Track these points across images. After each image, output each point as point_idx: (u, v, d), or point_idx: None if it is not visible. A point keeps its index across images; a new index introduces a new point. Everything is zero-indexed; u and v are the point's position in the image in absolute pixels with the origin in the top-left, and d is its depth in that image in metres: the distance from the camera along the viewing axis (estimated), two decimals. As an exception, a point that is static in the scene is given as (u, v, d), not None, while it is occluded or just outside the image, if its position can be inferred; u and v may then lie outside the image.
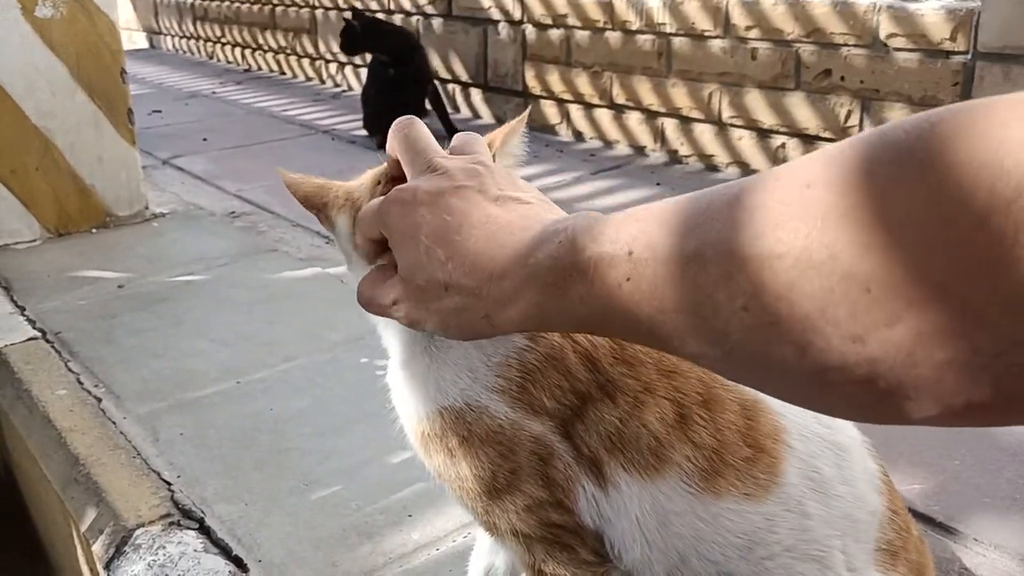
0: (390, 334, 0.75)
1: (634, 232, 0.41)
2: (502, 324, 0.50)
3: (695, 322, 0.38)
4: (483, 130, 0.62)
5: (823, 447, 0.75)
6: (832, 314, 0.32)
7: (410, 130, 0.62)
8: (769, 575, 0.73)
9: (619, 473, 0.71)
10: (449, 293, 0.52)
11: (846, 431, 0.77)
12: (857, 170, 0.31)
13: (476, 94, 3.91)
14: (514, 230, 0.50)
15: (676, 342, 0.40)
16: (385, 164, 0.73)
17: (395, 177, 0.68)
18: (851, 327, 0.31)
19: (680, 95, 3.05)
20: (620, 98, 3.27)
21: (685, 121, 3.07)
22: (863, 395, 0.33)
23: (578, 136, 3.49)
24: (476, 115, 3.92)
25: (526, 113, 0.83)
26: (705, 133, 3.02)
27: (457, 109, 4.04)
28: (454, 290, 0.52)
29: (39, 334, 1.90)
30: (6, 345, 1.84)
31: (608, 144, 3.38)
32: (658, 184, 2.91)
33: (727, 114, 2.93)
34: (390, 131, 0.64)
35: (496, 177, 0.56)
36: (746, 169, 2.92)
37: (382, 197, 0.60)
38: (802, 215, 0.33)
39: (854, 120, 2.60)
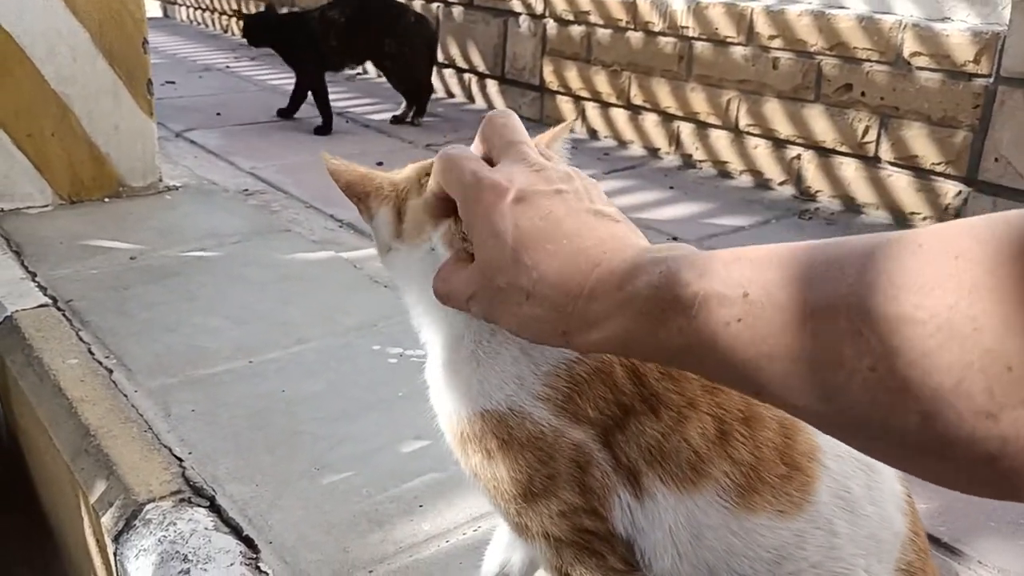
0: (432, 331, 0.75)
1: (749, 274, 0.40)
2: (580, 344, 0.49)
3: (808, 374, 0.37)
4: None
5: (855, 467, 0.76)
6: (967, 388, 0.32)
7: (506, 119, 0.59)
8: None
9: (656, 485, 0.72)
10: (530, 302, 0.50)
11: None
12: (1008, 251, 0.32)
13: (492, 85, 3.91)
14: (607, 250, 0.49)
15: (775, 389, 0.39)
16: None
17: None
18: (985, 403, 0.31)
19: (698, 100, 3.06)
20: (637, 99, 3.27)
21: (702, 126, 3.08)
22: (984, 471, 0.33)
23: (593, 134, 3.49)
24: (491, 106, 3.92)
25: (572, 120, 0.83)
26: (721, 139, 3.03)
27: (472, 99, 4.03)
28: (535, 301, 0.50)
29: (50, 301, 1.90)
30: (17, 311, 1.84)
31: (623, 144, 3.38)
32: (671, 188, 2.91)
33: (744, 122, 2.93)
34: (484, 120, 0.61)
35: (587, 185, 0.55)
36: (759, 178, 2.93)
37: (470, 158, 0.57)
38: (947, 285, 0.33)
39: (871, 136, 2.60)
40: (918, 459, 0.35)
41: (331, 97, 3.55)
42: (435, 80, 4.23)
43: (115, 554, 1.22)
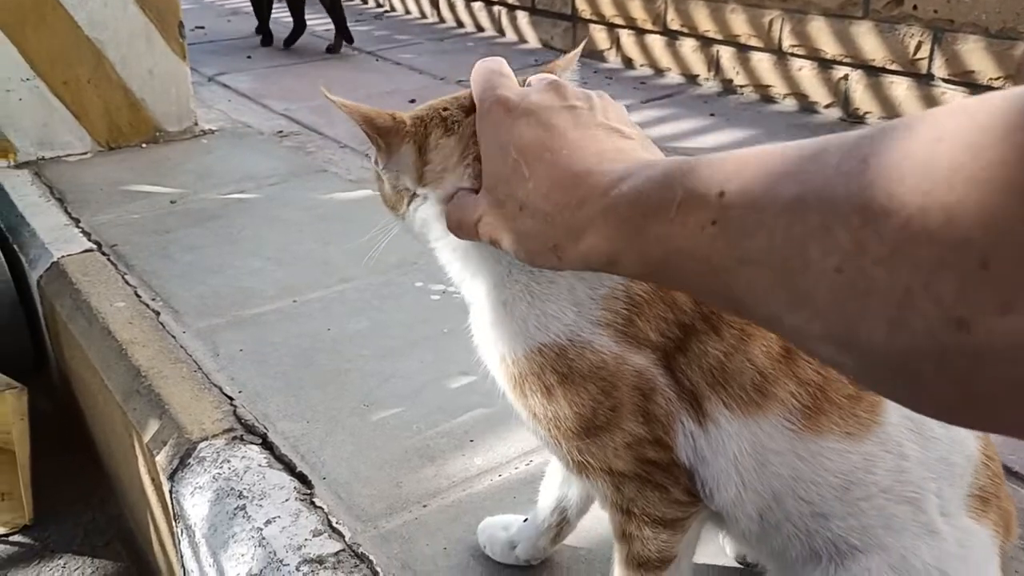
0: (476, 277, 0.72)
1: (729, 173, 0.37)
2: (570, 258, 0.48)
3: (779, 279, 0.34)
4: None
5: None
6: (937, 289, 0.28)
7: (495, 63, 0.60)
8: (863, 516, 0.72)
9: (720, 409, 0.70)
10: (523, 214, 0.50)
11: None
12: (996, 130, 0.27)
13: (522, 17, 3.81)
14: (604, 160, 0.47)
15: (751, 300, 0.36)
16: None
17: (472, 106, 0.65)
18: (956, 307, 0.27)
19: (739, 21, 2.95)
20: (674, 24, 3.16)
21: (742, 49, 2.97)
22: (953, 392, 0.29)
23: (628, 63, 3.40)
24: (522, 39, 3.83)
25: (582, 45, 0.79)
26: (763, 62, 2.93)
27: (502, 32, 3.94)
28: (528, 212, 0.49)
29: (95, 246, 1.91)
30: (63, 256, 1.85)
31: (659, 72, 3.29)
32: (712, 115, 2.83)
33: (788, 43, 2.83)
34: (474, 69, 0.61)
35: (607, 107, 0.55)
36: (804, 101, 2.84)
37: (498, 72, 0.57)
38: (925, 172, 0.28)
39: (924, 52, 2.49)
40: (888, 378, 0.32)
41: (358, 35, 3.51)
42: (464, 14, 4.14)
43: (171, 492, 1.24)
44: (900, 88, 2.58)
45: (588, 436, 0.71)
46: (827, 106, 2.79)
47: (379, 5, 4.74)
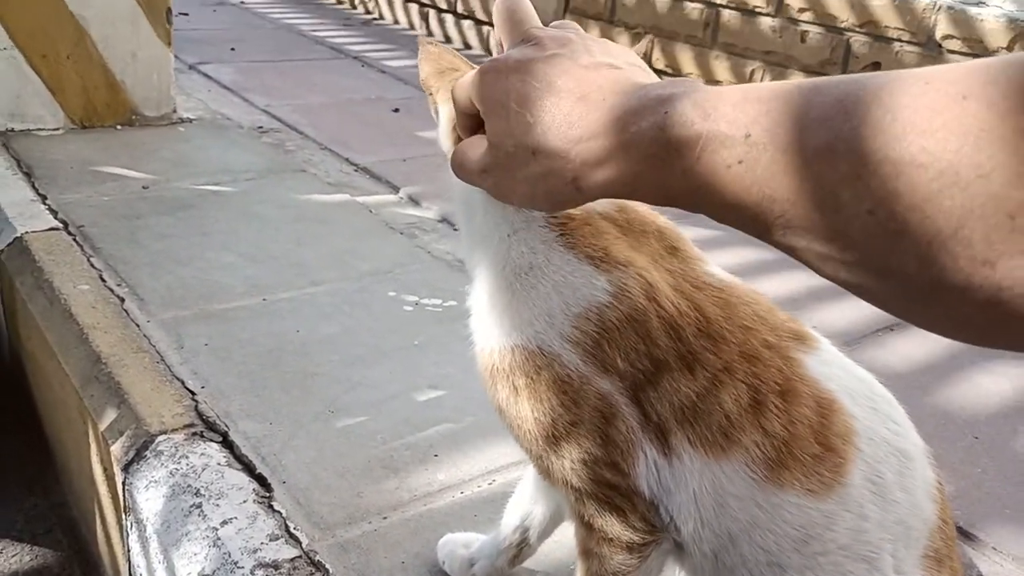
0: (480, 257, 0.75)
1: (753, 114, 0.40)
2: (590, 188, 0.50)
3: (811, 216, 0.37)
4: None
5: (889, 453, 0.74)
6: (966, 235, 0.31)
7: (511, 3, 0.62)
8: (819, 570, 0.73)
9: (684, 445, 0.71)
10: (536, 158, 0.52)
11: (911, 438, 0.77)
12: (1020, 93, 0.31)
13: (511, 39, 3.84)
14: (606, 94, 0.49)
15: (779, 232, 0.39)
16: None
17: None
18: (984, 251, 0.31)
19: (722, 68, 3.01)
20: (659, 63, 3.21)
21: (723, 95, 3.03)
22: (980, 318, 0.33)
23: (611, 96, 3.44)
24: (508, 61, 3.85)
25: None
26: (742, 110, 2.99)
27: (490, 52, 3.96)
28: (542, 154, 0.51)
29: (61, 225, 1.87)
30: (27, 232, 1.81)
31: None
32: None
33: (768, 94, 2.89)
34: (494, 9, 0.64)
35: (589, 45, 0.56)
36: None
37: (476, 68, 0.60)
38: (955, 128, 0.32)
39: (897, 117, 2.57)
40: (917, 305, 0.35)
41: (345, 40, 3.49)
42: (453, 31, 4.16)
43: (124, 483, 1.21)
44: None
45: (547, 443, 0.73)
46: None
47: (368, 12, 4.74)
